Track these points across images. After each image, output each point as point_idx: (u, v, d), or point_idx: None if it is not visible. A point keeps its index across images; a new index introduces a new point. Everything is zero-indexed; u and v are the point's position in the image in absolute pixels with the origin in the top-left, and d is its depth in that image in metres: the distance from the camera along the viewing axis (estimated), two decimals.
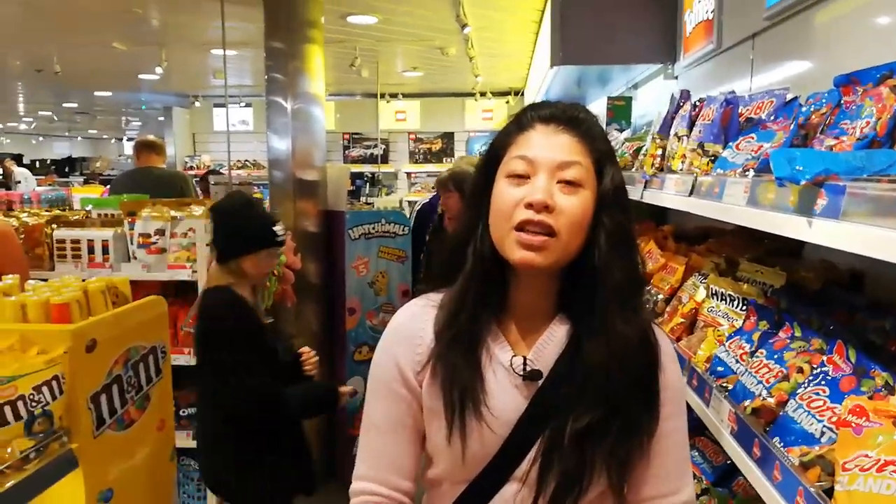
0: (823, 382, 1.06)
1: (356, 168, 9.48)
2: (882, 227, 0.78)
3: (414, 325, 1.04)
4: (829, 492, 0.90)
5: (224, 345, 2.20)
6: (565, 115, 0.98)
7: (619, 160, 2.67)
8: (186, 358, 2.99)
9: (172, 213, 3.07)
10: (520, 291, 1.01)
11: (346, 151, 10.17)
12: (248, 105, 9.78)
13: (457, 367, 0.97)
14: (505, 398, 0.98)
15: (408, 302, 1.10)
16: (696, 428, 1.73)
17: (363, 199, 8.51)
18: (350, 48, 6.19)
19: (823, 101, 1.29)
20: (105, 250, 3.02)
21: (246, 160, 9.81)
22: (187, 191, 4.62)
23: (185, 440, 3.05)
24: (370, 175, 9.67)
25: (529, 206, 0.92)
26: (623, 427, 0.95)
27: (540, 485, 0.95)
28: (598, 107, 4.72)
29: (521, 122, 1.00)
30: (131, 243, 3.05)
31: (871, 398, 0.96)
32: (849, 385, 1.02)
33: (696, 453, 1.76)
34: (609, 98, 3.84)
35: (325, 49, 3.95)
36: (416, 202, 9.11)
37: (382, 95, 9.13)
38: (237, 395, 2.17)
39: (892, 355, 1.10)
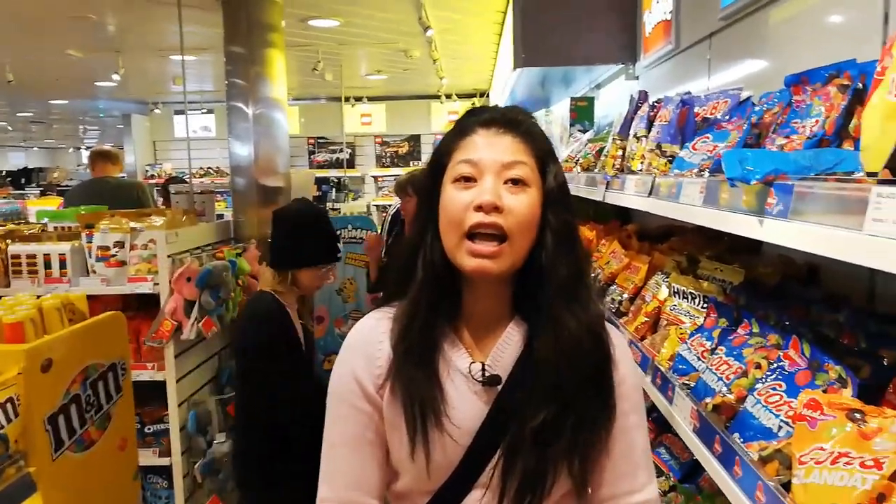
0: (780, 377, 1.08)
1: (322, 173, 9.41)
2: (829, 225, 0.80)
3: (371, 337, 1.03)
4: (788, 485, 0.92)
5: (256, 354, 2.20)
6: (505, 117, 0.99)
7: (582, 160, 2.72)
8: (150, 373, 2.93)
9: (132, 224, 3.00)
10: (474, 297, 1.01)
11: (312, 156, 10.08)
12: (209, 111, 9.64)
13: (415, 381, 0.96)
14: (465, 407, 0.98)
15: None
16: (664, 424, 1.76)
17: (329, 204, 8.44)
18: (312, 52, 6.15)
19: (775, 100, 1.31)
20: (62, 265, 2.94)
21: (209, 167, 9.66)
22: (144, 199, 4.52)
23: (152, 458, 2.99)
24: (336, 180, 9.61)
25: (479, 208, 0.93)
26: (578, 422, 0.95)
27: (503, 488, 0.95)
28: (562, 107, 4.76)
29: (462, 128, 1.01)
30: (90, 257, 2.97)
31: (825, 392, 0.98)
32: (804, 379, 1.04)
33: (664, 450, 1.78)
34: (572, 99, 3.87)
35: (286, 53, 3.91)
36: (385, 206, 9.09)
37: (347, 99, 9.09)
38: (261, 404, 2.16)
39: (844, 348, 1.13)
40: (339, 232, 3.91)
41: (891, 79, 0.72)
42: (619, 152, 1.99)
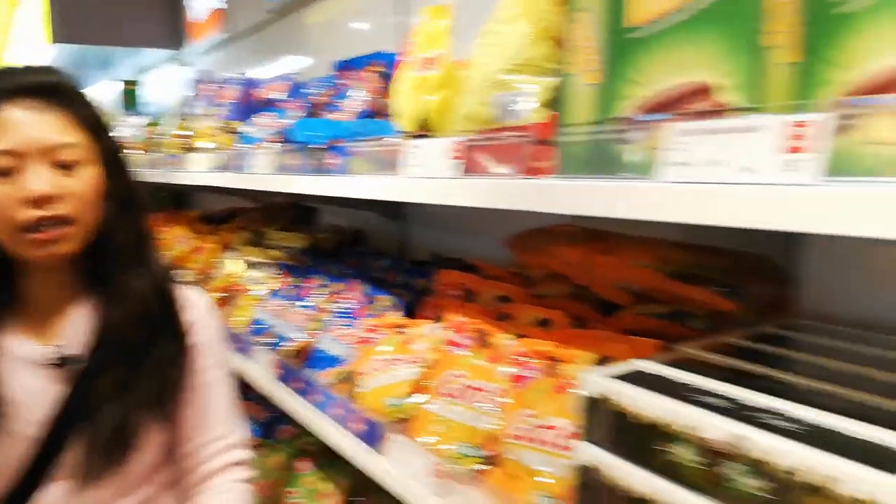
0: (345, 315, 1.29)
1: None
2: (377, 174, 1.00)
3: None
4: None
5: None
6: (40, 86, 0.86)
7: (141, 144, 2.59)
8: None
9: None
10: (34, 283, 0.93)
11: None
12: None
13: None
14: (32, 398, 0.90)
15: None
16: (240, 391, 1.84)
17: None
18: None
19: (325, 84, 1.53)
20: None
21: None
22: None
23: None
24: None
25: (32, 203, 0.83)
26: (153, 374, 0.95)
27: (88, 459, 0.90)
28: (100, 90, 4.40)
29: None
30: None
31: (380, 317, 1.22)
32: (363, 312, 1.26)
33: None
34: (123, 82, 3.65)
35: None
36: None
37: None
38: None
39: (391, 284, 1.40)
40: None
41: (416, 58, 0.96)
42: (184, 132, 1.99)
